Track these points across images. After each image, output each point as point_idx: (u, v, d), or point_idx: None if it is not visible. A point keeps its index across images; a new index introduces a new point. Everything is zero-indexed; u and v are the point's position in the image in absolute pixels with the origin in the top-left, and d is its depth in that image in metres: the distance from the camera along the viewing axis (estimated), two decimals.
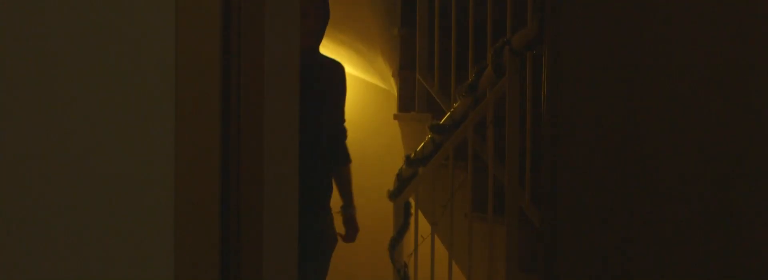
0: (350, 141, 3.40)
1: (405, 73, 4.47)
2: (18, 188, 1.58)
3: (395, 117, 4.58)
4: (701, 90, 2.13)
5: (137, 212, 1.59)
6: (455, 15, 3.98)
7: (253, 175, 1.60)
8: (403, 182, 4.05)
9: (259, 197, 1.59)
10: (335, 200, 3.31)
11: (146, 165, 1.59)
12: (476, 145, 3.68)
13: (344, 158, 3.41)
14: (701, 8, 2.12)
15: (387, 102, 5.01)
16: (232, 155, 1.58)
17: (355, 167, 3.50)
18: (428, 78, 4.24)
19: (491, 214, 3.49)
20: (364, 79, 5.88)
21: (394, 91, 4.70)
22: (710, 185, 2.13)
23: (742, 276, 2.11)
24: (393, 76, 4.64)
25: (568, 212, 2.34)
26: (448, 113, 3.80)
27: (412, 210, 4.00)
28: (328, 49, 5.16)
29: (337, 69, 3.22)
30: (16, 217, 1.58)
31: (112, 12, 1.58)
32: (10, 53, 1.57)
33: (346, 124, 3.34)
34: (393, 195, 4.07)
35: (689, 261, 2.16)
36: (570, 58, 2.32)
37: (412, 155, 3.93)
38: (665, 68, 2.17)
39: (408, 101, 4.48)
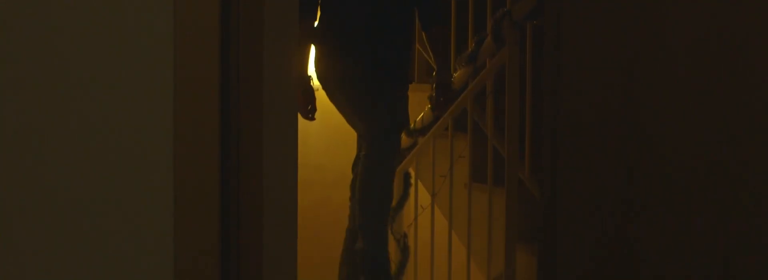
0: None
1: None
2: (15, 187, 1.56)
3: None
4: (700, 57, 2.13)
5: (136, 212, 1.58)
6: None
7: (253, 175, 1.59)
8: (402, 153, 4.05)
9: (259, 198, 1.59)
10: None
11: (144, 165, 1.58)
12: (476, 115, 3.67)
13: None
14: None
15: None
16: (232, 154, 1.58)
17: (352, 142, 3.50)
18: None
19: (491, 184, 3.50)
20: None
21: None
22: (711, 145, 2.13)
23: (741, 245, 2.12)
24: None
25: (568, 182, 2.35)
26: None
27: (412, 180, 4.00)
28: None
29: None
30: (14, 217, 1.57)
31: (110, 9, 1.57)
32: (5, 52, 1.56)
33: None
34: None
35: (690, 229, 2.17)
36: (570, 28, 2.31)
37: (412, 125, 3.93)
38: (666, 34, 2.16)
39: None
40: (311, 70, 3.36)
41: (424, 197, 3.98)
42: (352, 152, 3.62)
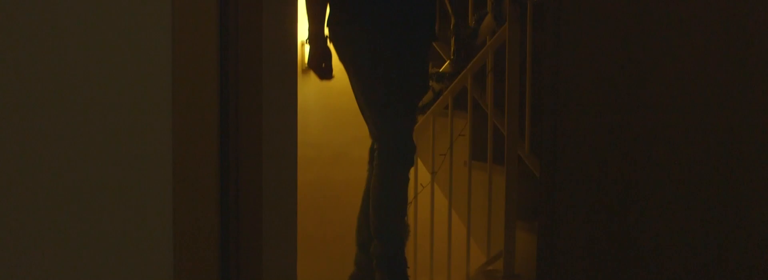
0: (345, 89, 3.35)
1: None
2: (15, 187, 1.56)
3: None
4: (702, 45, 2.12)
5: (135, 212, 1.58)
6: None
7: (253, 174, 1.58)
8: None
9: (258, 197, 1.58)
10: None
11: (143, 165, 1.57)
12: (476, 93, 3.66)
13: None
14: None
15: None
16: (231, 154, 1.57)
17: (350, 120, 3.44)
18: None
19: (490, 162, 3.50)
20: None
21: None
22: (711, 131, 2.13)
23: (737, 228, 2.13)
24: None
25: (568, 160, 2.35)
26: (448, 61, 3.77)
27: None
28: None
29: None
30: (14, 217, 1.56)
31: (108, 7, 1.55)
32: (4, 52, 1.55)
33: (341, 74, 3.28)
34: None
35: (688, 213, 2.17)
36: (571, 5, 2.30)
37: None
38: (669, 20, 2.15)
39: None
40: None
41: (424, 175, 3.98)
42: (351, 130, 3.60)
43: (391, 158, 3.12)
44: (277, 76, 1.63)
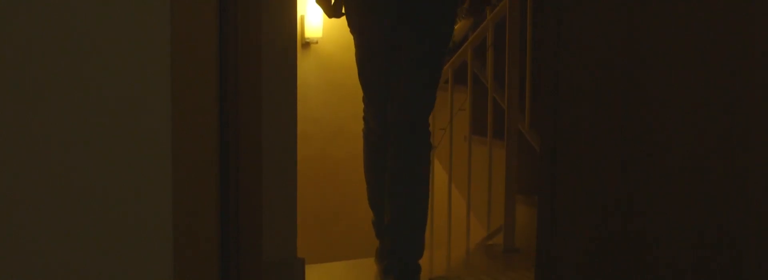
0: (344, 63, 3.34)
1: None
2: (15, 187, 1.55)
3: None
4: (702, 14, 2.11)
5: (135, 212, 1.57)
6: None
7: (252, 174, 1.58)
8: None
9: (258, 196, 1.58)
10: None
11: (143, 163, 1.56)
12: (476, 67, 3.65)
13: None
14: None
15: None
16: (231, 153, 1.56)
17: (350, 96, 3.42)
18: None
19: (490, 137, 3.50)
20: None
21: None
22: (711, 104, 2.12)
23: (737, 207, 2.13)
24: None
25: (568, 135, 2.34)
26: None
27: None
28: None
29: None
30: (13, 217, 1.56)
31: (107, 8, 1.54)
32: (6, 53, 1.53)
33: (341, 49, 3.17)
34: None
35: (690, 188, 2.17)
36: None
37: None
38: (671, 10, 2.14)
39: None
40: None
41: None
42: (350, 105, 3.59)
43: (402, 141, 2.75)
44: (277, 72, 1.63)
